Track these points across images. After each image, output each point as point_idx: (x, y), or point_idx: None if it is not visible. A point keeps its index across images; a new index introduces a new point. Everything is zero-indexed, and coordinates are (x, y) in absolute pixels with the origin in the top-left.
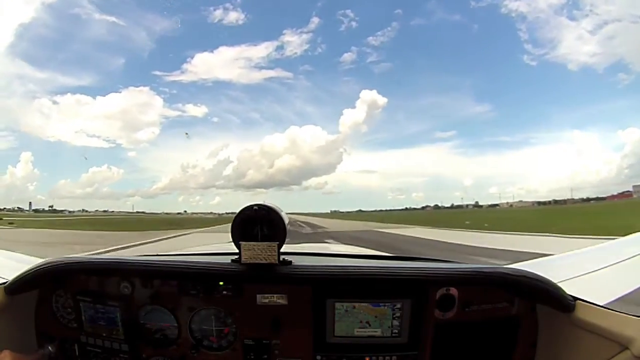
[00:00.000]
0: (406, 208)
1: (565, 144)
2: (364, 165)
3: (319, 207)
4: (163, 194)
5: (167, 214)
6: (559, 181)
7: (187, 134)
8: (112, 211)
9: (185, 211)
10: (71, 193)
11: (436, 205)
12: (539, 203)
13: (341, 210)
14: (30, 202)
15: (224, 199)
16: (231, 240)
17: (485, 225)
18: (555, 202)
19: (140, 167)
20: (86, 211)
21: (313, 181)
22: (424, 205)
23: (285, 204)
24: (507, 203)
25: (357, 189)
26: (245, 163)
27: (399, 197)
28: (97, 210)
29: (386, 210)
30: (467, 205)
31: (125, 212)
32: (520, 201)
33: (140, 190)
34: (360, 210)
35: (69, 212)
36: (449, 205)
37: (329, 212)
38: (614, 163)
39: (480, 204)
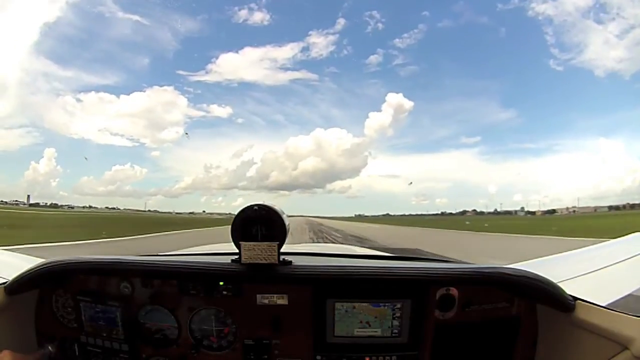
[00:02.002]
0: (442, 213)
1: (590, 152)
2: (388, 170)
3: (342, 210)
4: (185, 194)
5: (178, 213)
6: (583, 190)
7: (187, 133)
8: (120, 208)
9: (204, 211)
10: (93, 190)
11: (474, 210)
12: (610, 207)
13: (366, 214)
14: (28, 196)
15: (247, 201)
16: (231, 240)
17: None
18: (631, 206)
19: (163, 167)
20: (92, 207)
21: (337, 184)
22: (461, 210)
23: (309, 207)
24: (567, 209)
25: (380, 193)
26: (269, 164)
27: (422, 202)
28: (106, 207)
29: (418, 215)
30: (515, 212)
31: (132, 209)
32: (574, 207)
33: (162, 189)
34: (387, 215)
35: (69, 207)
36: (491, 210)
37: (354, 215)
38: (638, 171)
39: (532, 210)
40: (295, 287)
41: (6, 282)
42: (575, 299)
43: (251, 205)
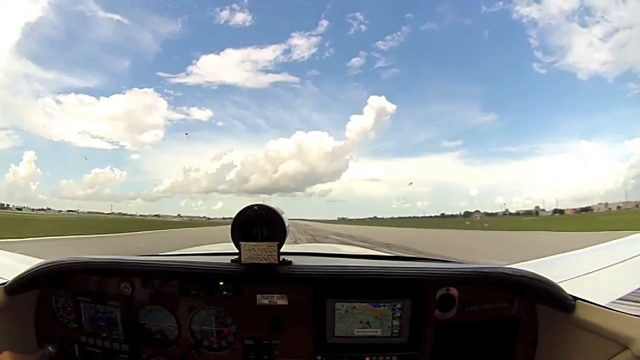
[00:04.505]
0: (442, 214)
1: (572, 154)
2: (369, 173)
3: (323, 214)
4: (165, 197)
5: (142, 216)
6: (565, 191)
7: (187, 134)
8: (83, 212)
9: (179, 214)
10: (72, 194)
11: (477, 210)
12: None
13: (349, 218)
14: None
15: (227, 204)
16: (231, 240)
17: None
18: None
19: (143, 170)
20: (50, 209)
21: (317, 188)
22: (465, 210)
23: (289, 210)
24: (605, 205)
25: (361, 197)
26: (249, 168)
27: (404, 206)
28: (69, 210)
29: (412, 218)
30: (536, 212)
31: (94, 212)
32: (606, 203)
33: (141, 193)
34: (375, 218)
35: (17, 209)
36: (503, 210)
37: (337, 218)
38: (620, 174)
39: (560, 208)
40: (295, 287)
41: (6, 282)
42: (575, 298)
43: (251, 205)
